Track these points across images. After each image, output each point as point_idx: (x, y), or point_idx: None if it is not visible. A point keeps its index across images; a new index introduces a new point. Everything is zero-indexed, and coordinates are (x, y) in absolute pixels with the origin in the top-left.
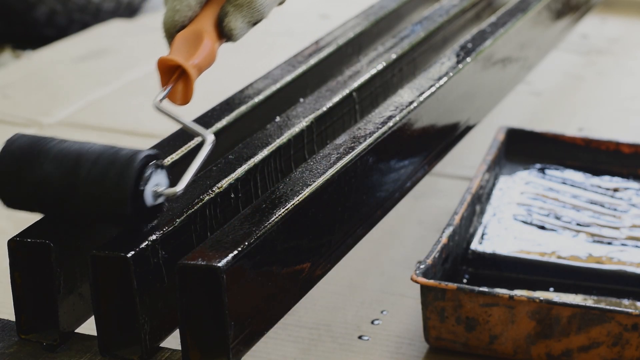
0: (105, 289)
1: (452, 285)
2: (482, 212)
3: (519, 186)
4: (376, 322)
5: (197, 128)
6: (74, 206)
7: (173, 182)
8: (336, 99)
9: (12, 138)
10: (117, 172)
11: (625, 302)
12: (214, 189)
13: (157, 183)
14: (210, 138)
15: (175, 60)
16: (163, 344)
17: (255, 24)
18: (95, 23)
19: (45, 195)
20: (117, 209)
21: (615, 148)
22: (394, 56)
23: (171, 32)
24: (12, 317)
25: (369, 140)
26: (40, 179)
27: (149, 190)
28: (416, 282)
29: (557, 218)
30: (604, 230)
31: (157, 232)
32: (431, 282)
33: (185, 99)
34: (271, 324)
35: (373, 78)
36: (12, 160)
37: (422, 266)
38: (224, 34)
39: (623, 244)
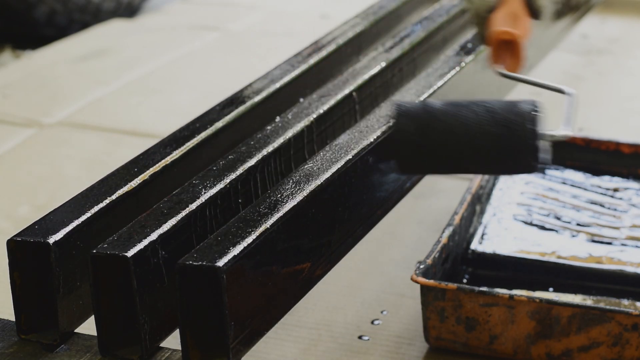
0: (105, 289)
1: (452, 285)
2: (482, 212)
3: (519, 186)
4: (376, 322)
5: (554, 84)
6: (479, 158)
7: None
8: (336, 99)
9: (399, 107)
10: (519, 120)
11: (625, 302)
12: (214, 189)
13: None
14: (570, 91)
15: (511, 32)
16: (163, 344)
17: (557, 2)
18: (95, 23)
19: (451, 152)
20: (522, 153)
21: (615, 148)
22: (394, 56)
23: (482, 13)
24: (12, 317)
25: (369, 140)
26: (446, 138)
27: (544, 134)
28: (416, 282)
29: (557, 218)
30: (604, 230)
31: (157, 232)
32: (431, 282)
33: (517, 66)
34: (271, 324)
35: (373, 78)
36: (410, 127)
37: (422, 266)
38: (533, 12)
39: (623, 244)
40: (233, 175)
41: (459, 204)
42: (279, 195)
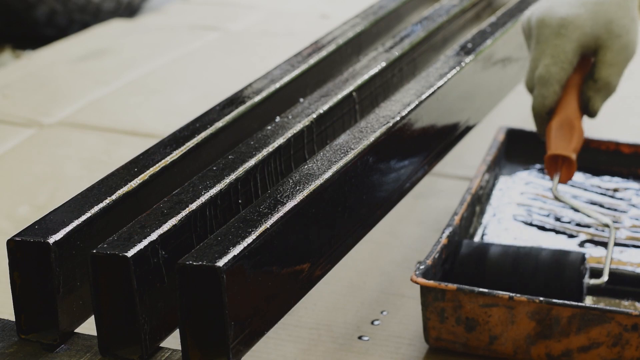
0: (105, 289)
1: (451, 286)
2: (482, 212)
3: (519, 186)
4: (376, 322)
5: (597, 215)
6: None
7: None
8: (336, 99)
9: (462, 248)
10: (565, 274)
11: (625, 302)
12: (214, 189)
13: (586, 276)
14: (611, 224)
15: (563, 154)
16: (163, 344)
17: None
18: (95, 23)
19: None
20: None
21: (615, 148)
22: (394, 56)
23: (542, 114)
24: (12, 317)
25: (369, 140)
26: (498, 283)
27: (584, 284)
28: (416, 282)
29: (557, 219)
30: (604, 231)
31: (157, 232)
32: (431, 282)
33: (570, 177)
34: (271, 324)
35: (373, 78)
36: (468, 266)
37: (422, 267)
38: (588, 114)
39: (623, 244)
40: (233, 175)
41: (459, 204)
42: (279, 195)
